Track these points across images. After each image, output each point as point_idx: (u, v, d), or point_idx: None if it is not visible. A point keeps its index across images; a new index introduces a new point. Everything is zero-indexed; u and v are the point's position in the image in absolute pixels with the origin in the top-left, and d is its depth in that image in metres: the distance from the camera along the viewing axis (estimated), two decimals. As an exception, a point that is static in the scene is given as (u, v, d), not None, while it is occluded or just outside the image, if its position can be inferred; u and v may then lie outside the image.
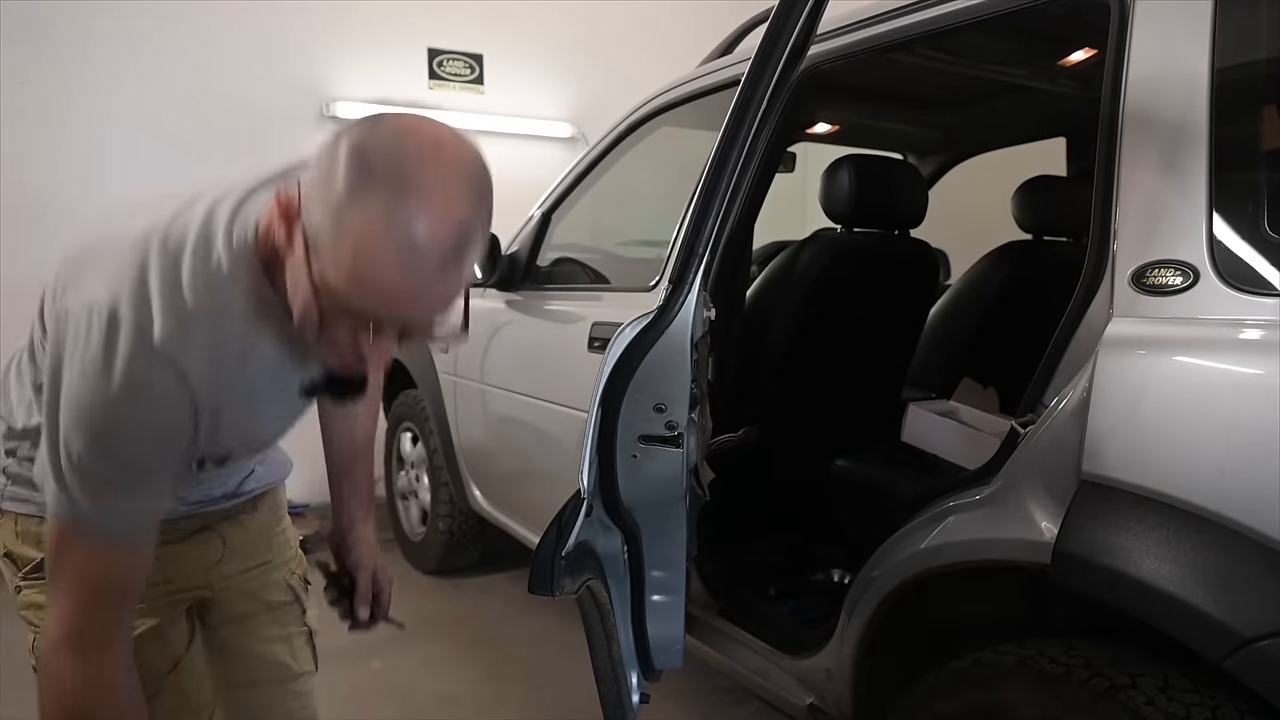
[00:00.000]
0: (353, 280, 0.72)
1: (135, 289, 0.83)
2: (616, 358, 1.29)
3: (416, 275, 0.72)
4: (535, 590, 1.23)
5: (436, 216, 0.71)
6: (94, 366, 0.82)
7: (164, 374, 0.83)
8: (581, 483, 1.28)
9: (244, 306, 0.87)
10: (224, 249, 0.85)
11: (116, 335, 0.82)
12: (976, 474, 1.29)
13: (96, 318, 0.82)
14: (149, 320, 0.82)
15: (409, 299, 0.74)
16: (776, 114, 1.68)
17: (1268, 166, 1.11)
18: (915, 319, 2.34)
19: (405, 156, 0.72)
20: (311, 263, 0.74)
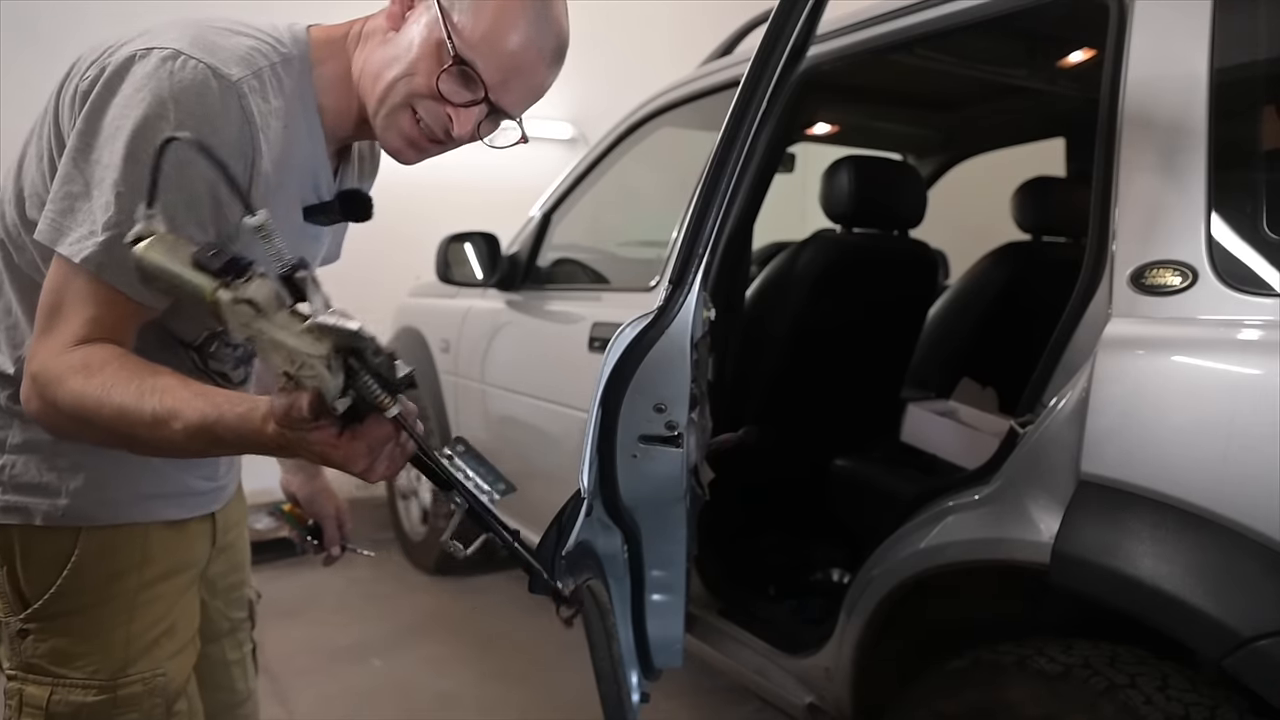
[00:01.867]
0: (485, 39, 0.85)
1: (200, 43, 0.80)
2: (616, 358, 1.29)
3: (539, 44, 0.87)
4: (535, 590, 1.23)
5: (555, 11, 0.90)
6: (152, 88, 0.77)
7: (231, 107, 0.80)
8: (581, 482, 1.28)
9: (296, 90, 0.88)
10: (284, 33, 0.89)
11: (183, 65, 0.78)
12: (976, 474, 1.29)
13: (155, 55, 0.79)
14: (220, 63, 0.80)
15: (520, 70, 0.87)
16: (776, 114, 1.68)
17: (1267, 166, 1.11)
18: (915, 319, 2.34)
19: None
20: (448, 22, 0.84)
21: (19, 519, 0.90)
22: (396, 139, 0.90)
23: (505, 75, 0.87)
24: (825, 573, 2.12)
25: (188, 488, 1.01)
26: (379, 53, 0.89)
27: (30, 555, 0.91)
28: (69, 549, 0.90)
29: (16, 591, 0.91)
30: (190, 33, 0.82)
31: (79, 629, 0.92)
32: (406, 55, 0.87)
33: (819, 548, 2.18)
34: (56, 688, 0.90)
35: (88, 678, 0.91)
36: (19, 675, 0.92)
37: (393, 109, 0.88)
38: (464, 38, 0.84)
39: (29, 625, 0.91)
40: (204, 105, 0.78)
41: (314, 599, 2.93)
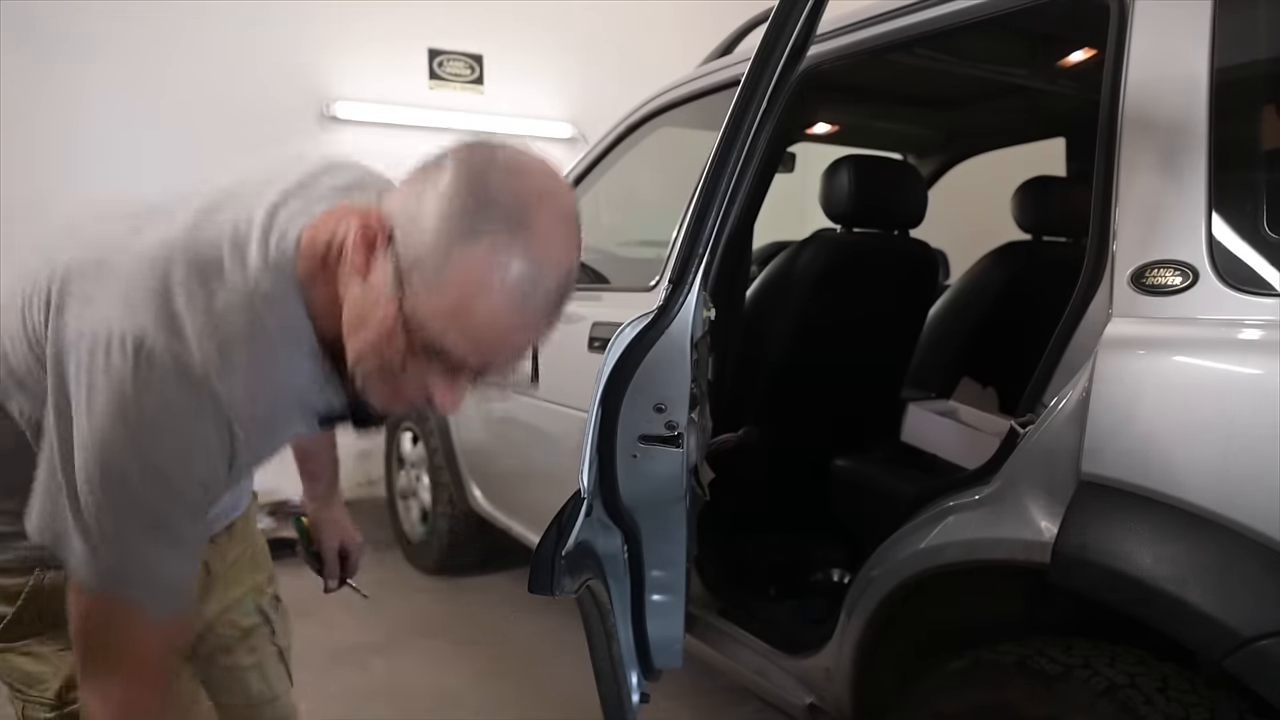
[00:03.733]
0: (452, 317, 0.68)
1: (162, 314, 0.75)
2: (616, 358, 1.29)
3: (523, 316, 0.70)
4: (535, 590, 1.23)
5: (551, 260, 0.70)
6: (124, 400, 0.73)
7: (205, 406, 0.75)
8: (581, 482, 1.28)
9: (281, 332, 0.79)
10: (260, 266, 0.78)
11: (149, 365, 0.73)
12: (976, 474, 1.29)
13: (119, 347, 0.73)
14: (185, 351, 0.74)
15: (504, 342, 0.72)
16: (776, 114, 1.68)
17: (1267, 166, 1.11)
18: (915, 319, 2.34)
19: (524, 195, 0.69)
20: (404, 292, 0.68)
21: None
22: (378, 401, 0.78)
23: (482, 352, 0.71)
24: (825, 573, 2.12)
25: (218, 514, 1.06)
26: (351, 302, 0.75)
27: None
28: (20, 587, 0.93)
29: None
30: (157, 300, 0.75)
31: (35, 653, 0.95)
32: (372, 322, 0.72)
33: (819, 548, 2.17)
34: (27, 704, 0.96)
35: (40, 695, 0.95)
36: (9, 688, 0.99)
37: (367, 376, 0.75)
38: (428, 315, 0.69)
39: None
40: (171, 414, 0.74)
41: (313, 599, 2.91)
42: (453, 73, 4.05)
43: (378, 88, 3.83)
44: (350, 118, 3.75)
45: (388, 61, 3.88)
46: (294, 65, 3.68)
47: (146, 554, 0.76)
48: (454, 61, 4.05)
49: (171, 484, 0.76)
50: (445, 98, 4.02)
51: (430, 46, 3.99)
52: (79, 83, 3.27)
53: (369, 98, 3.80)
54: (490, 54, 4.13)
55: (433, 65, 4.00)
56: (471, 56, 4.09)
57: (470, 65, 4.10)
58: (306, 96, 3.70)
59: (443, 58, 4.03)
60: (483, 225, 0.67)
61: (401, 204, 0.72)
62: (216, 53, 3.52)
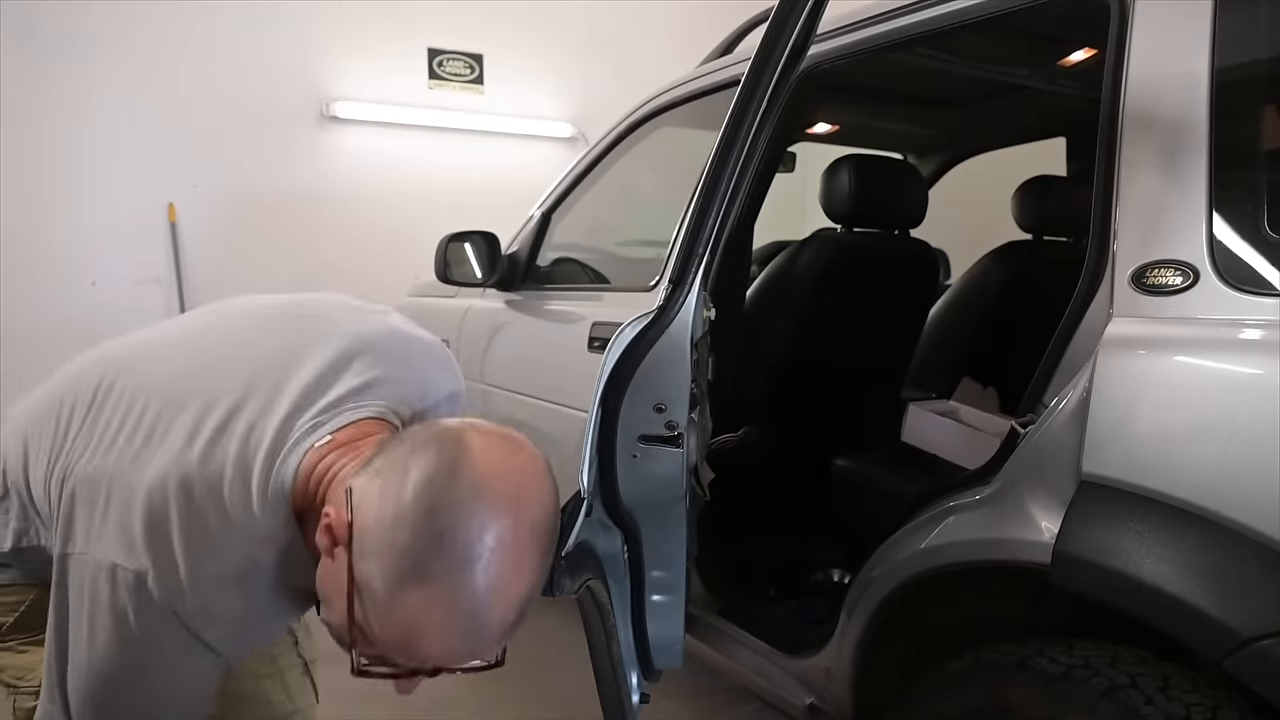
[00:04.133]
0: (399, 645, 0.69)
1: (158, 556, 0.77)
2: (616, 358, 1.29)
3: (471, 644, 0.71)
4: (536, 591, 1.23)
5: (505, 593, 0.70)
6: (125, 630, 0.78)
7: (196, 648, 0.80)
8: (581, 483, 1.28)
9: (274, 563, 0.82)
10: (259, 504, 0.79)
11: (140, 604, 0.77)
12: (976, 474, 1.29)
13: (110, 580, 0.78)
14: (177, 595, 0.77)
15: (455, 662, 0.73)
16: (776, 114, 1.68)
17: (1268, 166, 1.11)
18: (915, 319, 2.34)
19: (484, 524, 0.68)
20: (353, 603, 0.69)
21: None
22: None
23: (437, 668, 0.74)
24: (826, 573, 2.12)
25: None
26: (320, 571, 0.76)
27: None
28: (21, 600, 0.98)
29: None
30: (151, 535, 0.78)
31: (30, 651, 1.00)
32: (334, 607, 0.73)
33: (819, 548, 2.17)
34: (19, 696, 1.01)
35: (31, 684, 1.00)
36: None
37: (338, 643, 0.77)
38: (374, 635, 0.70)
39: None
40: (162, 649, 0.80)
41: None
42: (452, 72, 4.05)
43: (377, 87, 3.83)
44: (350, 117, 3.75)
45: (387, 61, 3.88)
46: (294, 65, 3.68)
47: None
48: (454, 61, 4.05)
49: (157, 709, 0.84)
50: (445, 97, 4.02)
51: (430, 46, 3.99)
52: (80, 83, 3.27)
53: (369, 97, 3.80)
54: (490, 54, 4.13)
55: (432, 65, 4.00)
56: (471, 56, 4.09)
57: (470, 65, 4.10)
58: (306, 96, 3.70)
59: (442, 57, 4.03)
60: (433, 567, 0.67)
61: (364, 499, 0.70)
62: (217, 53, 3.52)
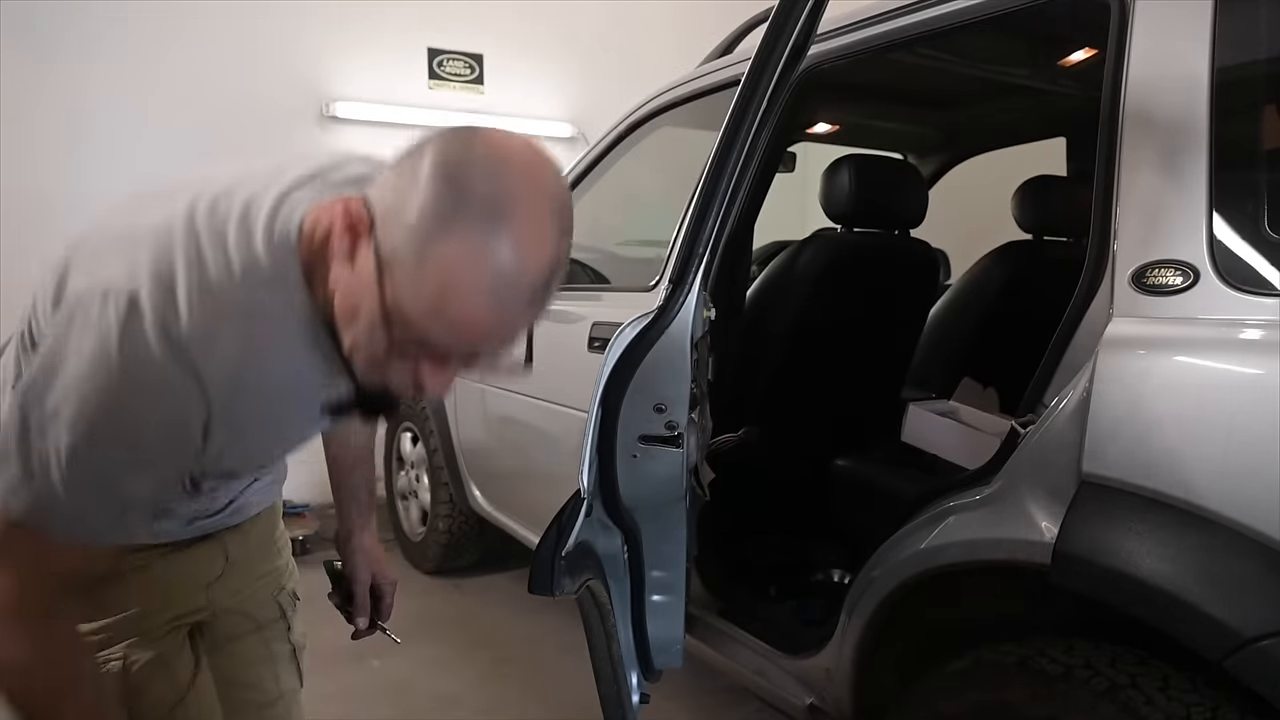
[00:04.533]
0: (433, 311, 0.67)
1: (158, 277, 0.75)
2: (616, 358, 1.29)
3: (504, 310, 0.69)
4: (535, 590, 1.23)
5: (531, 252, 0.68)
6: (103, 351, 0.74)
7: (183, 376, 0.75)
8: (581, 483, 1.28)
9: (280, 313, 0.79)
10: (264, 247, 0.78)
11: (134, 323, 0.74)
12: (977, 474, 1.29)
13: (113, 302, 0.74)
14: (173, 313, 0.74)
15: (489, 333, 0.71)
16: (776, 114, 1.68)
17: (1268, 166, 1.11)
18: (915, 319, 2.34)
19: (502, 184, 0.67)
20: (384, 285, 0.68)
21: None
22: (374, 384, 0.78)
23: (467, 341, 0.71)
24: (826, 573, 2.12)
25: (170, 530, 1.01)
26: (341, 289, 0.74)
27: None
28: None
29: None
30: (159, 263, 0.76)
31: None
32: (359, 312, 0.72)
33: (819, 548, 2.17)
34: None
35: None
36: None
37: (361, 366, 0.76)
38: (408, 308, 0.68)
39: None
40: (148, 370, 0.74)
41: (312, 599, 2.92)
42: (452, 72, 4.05)
43: (377, 87, 3.83)
44: (350, 117, 3.75)
45: (387, 61, 3.87)
46: (294, 65, 3.68)
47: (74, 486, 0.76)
48: (454, 61, 4.05)
49: (130, 437, 0.76)
50: (445, 97, 4.02)
51: (430, 46, 3.98)
52: (80, 82, 3.27)
53: (368, 97, 3.80)
54: (490, 53, 4.13)
55: (432, 65, 4.00)
56: (471, 56, 4.09)
57: (470, 65, 4.09)
58: (306, 96, 3.70)
59: (442, 57, 4.02)
60: (459, 220, 0.66)
61: (382, 193, 0.71)
62: (217, 52, 3.52)
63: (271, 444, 0.93)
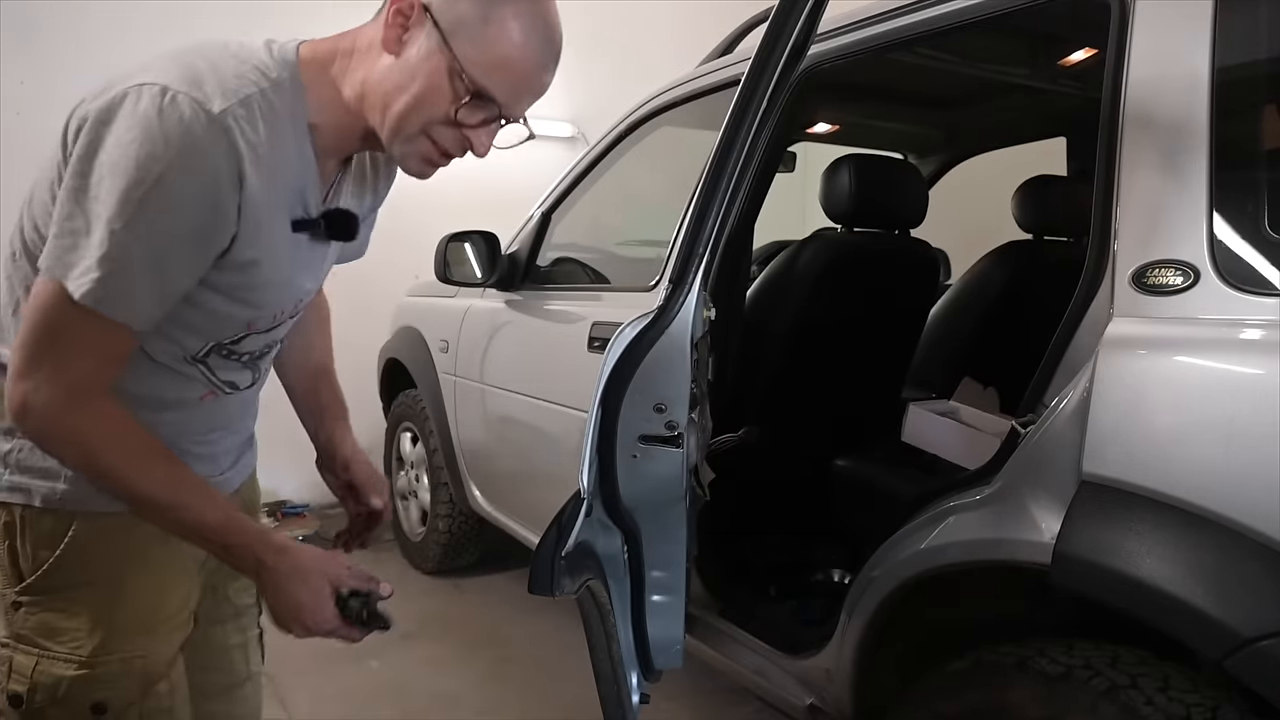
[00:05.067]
0: (497, 65, 0.86)
1: (184, 77, 0.82)
2: (616, 358, 1.29)
3: (545, 59, 0.90)
4: (535, 590, 1.23)
5: (556, 17, 0.91)
6: (145, 128, 0.80)
7: (218, 141, 0.82)
8: (581, 483, 1.28)
9: (289, 115, 0.89)
10: (270, 59, 0.89)
11: (172, 102, 0.80)
12: (977, 474, 1.29)
13: (146, 93, 0.81)
14: (204, 98, 0.82)
15: (534, 82, 0.91)
16: (776, 114, 1.68)
17: (1268, 166, 1.11)
18: (915, 319, 2.34)
19: None
20: (453, 48, 0.85)
21: (21, 499, 0.95)
22: (415, 163, 0.93)
23: (518, 93, 0.90)
24: (826, 573, 2.12)
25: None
26: (383, 79, 0.89)
27: (28, 532, 0.95)
28: (63, 530, 0.95)
29: (15, 565, 0.96)
30: (180, 66, 0.84)
31: (66, 606, 0.96)
32: (414, 85, 0.87)
33: (819, 548, 2.17)
34: (42, 659, 0.95)
35: (69, 653, 0.95)
36: (10, 644, 0.96)
37: (408, 138, 0.90)
38: (475, 66, 0.86)
39: (22, 598, 0.96)
40: (191, 139, 0.81)
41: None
42: (452, 72, 4.05)
43: (377, 88, 3.83)
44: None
45: (387, 61, 3.87)
46: (294, 65, 3.68)
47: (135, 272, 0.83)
48: (454, 61, 4.05)
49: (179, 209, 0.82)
50: (445, 97, 4.02)
51: (430, 46, 3.99)
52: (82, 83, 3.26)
53: (369, 97, 3.80)
54: (490, 54, 4.13)
55: (432, 65, 4.00)
56: (471, 56, 4.09)
57: (470, 65, 4.10)
58: (306, 96, 3.70)
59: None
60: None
61: None
62: (216, 52, 3.52)
63: (279, 265, 0.96)
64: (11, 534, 0.96)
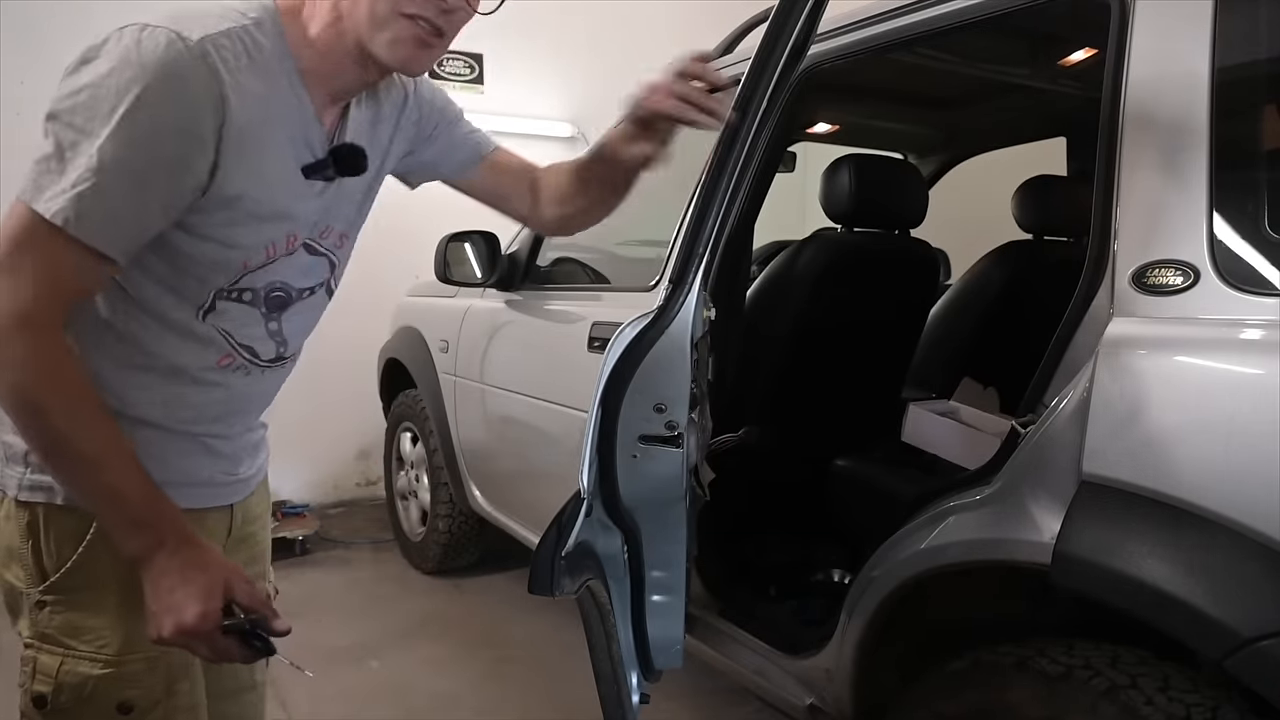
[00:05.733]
0: None
1: (166, 15, 0.84)
2: (616, 358, 1.29)
3: None
4: (535, 590, 1.23)
5: None
6: (124, 58, 0.81)
7: (197, 67, 0.83)
8: (581, 483, 1.28)
9: (273, 53, 0.89)
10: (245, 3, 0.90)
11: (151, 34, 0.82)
12: (977, 474, 1.29)
13: (127, 32, 0.83)
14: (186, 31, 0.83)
15: None
16: (776, 114, 1.68)
17: (1268, 166, 1.11)
18: (915, 319, 2.34)
19: None
20: None
21: (43, 497, 0.94)
22: (402, 48, 0.91)
23: None
24: (826, 573, 2.12)
25: (206, 479, 1.03)
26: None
27: (51, 531, 0.94)
28: (85, 528, 0.93)
29: (39, 564, 0.95)
30: (161, 12, 0.85)
31: (90, 604, 0.95)
32: None
33: (819, 548, 2.17)
34: (67, 658, 0.94)
35: (95, 651, 0.94)
36: (34, 644, 0.95)
37: (384, 22, 0.89)
38: None
39: (46, 597, 0.95)
40: (169, 66, 0.82)
41: (312, 599, 2.93)
42: (452, 72, 4.05)
43: (378, 87, 3.83)
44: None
45: (388, 61, 3.88)
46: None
47: (111, 194, 0.82)
48: (453, 61, 4.05)
49: (157, 132, 0.82)
50: (445, 98, 4.02)
51: (430, 46, 3.99)
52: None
53: (369, 97, 3.80)
54: (490, 54, 4.13)
55: (432, 65, 4.00)
56: (471, 56, 4.09)
57: (470, 65, 4.10)
58: (306, 96, 3.70)
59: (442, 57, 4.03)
60: None
61: None
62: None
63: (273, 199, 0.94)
64: (35, 533, 0.95)
